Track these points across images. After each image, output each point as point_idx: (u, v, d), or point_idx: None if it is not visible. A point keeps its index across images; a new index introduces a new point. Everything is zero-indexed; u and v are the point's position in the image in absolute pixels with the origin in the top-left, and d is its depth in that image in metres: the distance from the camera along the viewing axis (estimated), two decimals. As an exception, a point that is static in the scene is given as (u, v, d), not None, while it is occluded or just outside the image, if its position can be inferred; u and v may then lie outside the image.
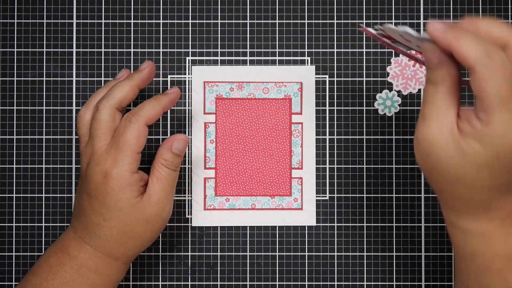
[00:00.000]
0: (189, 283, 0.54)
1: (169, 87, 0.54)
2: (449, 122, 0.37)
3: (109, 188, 0.45)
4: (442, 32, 0.35)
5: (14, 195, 0.54)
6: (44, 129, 0.54)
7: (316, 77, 0.54)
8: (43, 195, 0.54)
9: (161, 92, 0.54)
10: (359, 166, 0.54)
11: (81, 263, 0.46)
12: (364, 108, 0.54)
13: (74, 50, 0.54)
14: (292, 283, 0.54)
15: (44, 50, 0.54)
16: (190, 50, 0.54)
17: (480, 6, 0.54)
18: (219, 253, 0.54)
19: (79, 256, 0.46)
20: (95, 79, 0.54)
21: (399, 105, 0.54)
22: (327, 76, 0.54)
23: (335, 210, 0.54)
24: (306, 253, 0.54)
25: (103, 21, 0.54)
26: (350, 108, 0.54)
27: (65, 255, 0.47)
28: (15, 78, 0.54)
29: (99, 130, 0.46)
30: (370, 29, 0.42)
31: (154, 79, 0.54)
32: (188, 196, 0.54)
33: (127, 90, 0.48)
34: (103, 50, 0.54)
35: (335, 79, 0.54)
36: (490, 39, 0.36)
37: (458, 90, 0.38)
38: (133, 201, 0.46)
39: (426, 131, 0.37)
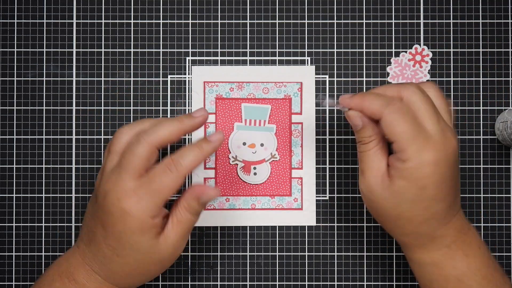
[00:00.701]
0: (189, 283, 0.54)
1: (169, 87, 0.54)
2: (380, 171, 0.43)
3: (127, 229, 0.42)
4: (350, 99, 0.43)
5: (14, 195, 0.54)
6: (44, 129, 0.54)
7: (316, 77, 0.54)
8: (43, 195, 0.54)
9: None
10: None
11: None
12: (364, 108, 0.54)
13: (74, 50, 0.54)
14: (292, 283, 0.54)
15: (44, 50, 0.54)
16: (190, 50, 0.54)
17: (480, 6, 0.54)
18: (219, 253, 0.54)
19: (87, 285, 0.44)
20: (95, 79, 0.54)
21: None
22: (327, 76, 0.54)
23: (335, 210, 0.54)
24: (306, 253, 0.54)
25: (103, 21, 0.54)
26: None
27: (71, 281, 0.45)
28: (15, 78, 0.54)
29: (131, 164, 0.43)
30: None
31: (154, 79, 0.54)
32: (188, 196, 0.54)
33: (173, 132, 0.43)
34: (103, 50, 0.54)
35: (335, 79, 0.54)
36: (386, 94, 0.43)
37: (384, 144, 0.44)
38: (151, 243, 0.43)
39: (364, 183, 0.44)
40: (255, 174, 0.54)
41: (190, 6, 0.54)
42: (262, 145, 0.54)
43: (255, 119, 0.54)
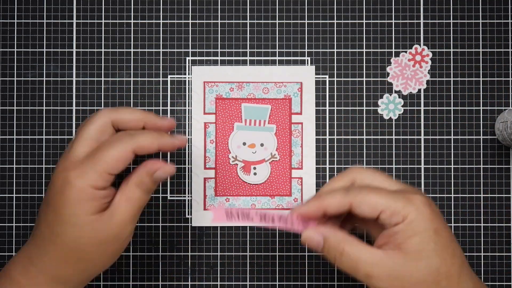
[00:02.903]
0: (189, 283, 0.54)
1: (169, 87, 0.54)
2: (378, 257, 0.39)
3: (66, 199, 0.39)
4: (306, 207, 0.41)
5: (14, 195, 0.54)
6: (44, 129, 0.54)
7: (316, 77, 0.54)
8: (43, 195, 0.54)
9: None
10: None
11: None
12: (364, 108, 0.54)
13: (74, 50, 0.54)
14: (292, 283, 0.54)
15: (44, 50, 0.54)
16: (190, 50, 0.54)
17: (480, 6, 0.54)
18: (219, 253, 0.54)
19: (21, 281, 0.41)
20: (95, 79, 0.54)
21: (401, 106, 0.54)
22: (327, 76, 0.54)
23: (335, 210, 0.54)
24: (306, 253, 0.54)
25: (103, 21, 0.54)
26: (350, 108, 0.54)
27: (7, 280, 0.41)
28: (15, 78, 0.54)
29: (85, 132, 0.41)
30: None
31: (154, 79, 0.54)
32: (188, 196, 0.54)
33: (148, 137, 0.41)
34: (103, 50, 0.54)
35: (335, 79, 0.54)
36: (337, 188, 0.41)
37: (352, 238, 0.40)
38: (91, 218, 0.40)
39: (378, 280, 0.39)
40: (255, 174, 0.54)
41: (190, 6, 0.54)
42: (262, 145, 0.54)
43: (255, 119, 0.54)
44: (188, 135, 0.54)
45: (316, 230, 0.41)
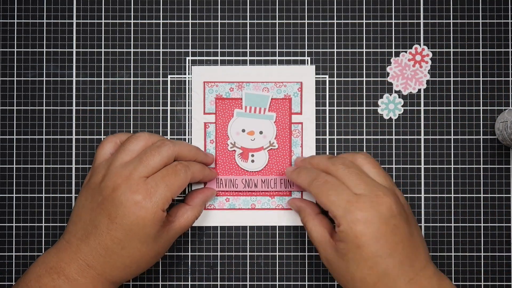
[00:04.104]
0: (189, 283, 0.54)
1: (169, 87, 0.54)
2: (325, 239, 0.47)
3: (139, 220, 0.44)
4: (290, 173, 0.51)
5: (14, 195, 0.54)
6: (44, 129, 0.54)
7: (316, 77, 0.54)
8: (43, 195, 0.54)
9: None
10: (359, 166, 0.54)
11: (80, 287, 0.44)
12: (364, 108, 0.54)
13: (74, 50, 0.54)
14: (292, 283, 0.54)
15: (44, 50, 0.54)
16: (190, 50, 0.54)
17: (480, 6, 0.54)
18: (219, 253, 0.54)
19: (80, 280, 0.44)
20: (95, 79, 0.54)
21: (401, 106, 0.54)
22: (327, 76, 0.54)
23: (335, 210, 0.54)
24: (306, 253, 0.54)
25: (103, 21, 0.54)
26: (350, 108, 0.54)
27: (61, 277, 0.44)
28: (15, 78, 0.54)
29: (153, 160, 0.46)
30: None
31: (154, 79, 0.54)
32: (188, 196, 0.54)
33: (191, 153, 0.49)
34: (103, 50, 0.54)
35: (335, 79, 0.54)
36: (318, 168, 0.49)
37: (323, 217, 0.49)
38: (158, 235, 0.46)
39: (320, 254, 0.48)
40: (252, 161, 0.54)
41: (190, 6, 0.54)
42: (261, 132, 0.54)
43: (255, 107, 0.54)
44: (188, 135, 0.54)
45: (294, 201, 0.52)
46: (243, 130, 0.54)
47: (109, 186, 0.45)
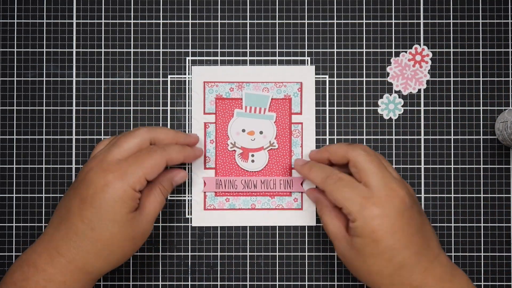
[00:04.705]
0: (189, 283, 0.54)
1: (169, 87, 0.54)
2: (342, 234, 0.47)
3: (109, 198, 0.44)
4: (300, 167, 0.51)
5: (14, 195, 0.54)
6: (44, 129, 0.54)
7: (316, 77, 0.54)
8: (43, 195, 0.54)
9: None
10: (359, 166, 0.54)
11: (49, 278, 0.44)
12: (364, 108, 0.54)
13: (74, 50, 0.54)
14: (292, 283, 0.54)
15: (44, 50, 0.54)
16: (190, 50, 0.54)
17: (480, 6, 0.54)
18: (219, 253, 0.54)
19: (48, 270, 0.44)
20: (95, 79, 0.54)
21: (401, 106, 0.54)
22: (327, 76, 0.54)
23: (335, 210, 0.54)
24: (306, 253, 0.54)
25: (103, 21, 0.54)
26: (350, 108, 0.54)
27: (31, 268, 0.44)
28: (15, 78, 0.54)
29: (126, 143, 0.46)
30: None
31: (154, 79, 0.54)
32: (188, 196, 0.54)
33: (168, 137, 0.49)
34: (103, 50, 0.54)
35: (335, 79, 0.54)
36: (337, 157, 0.49)
37: (339, 211, 0.49)
38: (128, 216, 0.45)
39: (336, 248, 0.48)
40: (252, 161, 0.54)
41: (190, 6, 0.54)
42: (261, 132, 0.54)
43: (256, 107, 0.54)
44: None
45: (313, 192, 0.52)
46: (243, 130, 0.54)
47: (84, 170, 0.46)
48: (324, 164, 0.50)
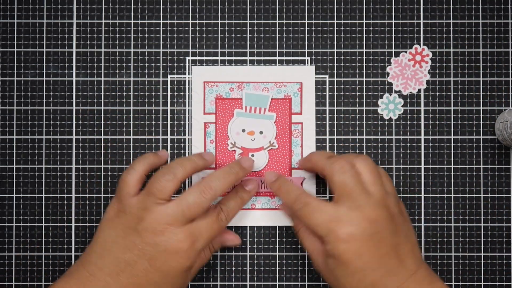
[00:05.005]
0: (189, 283, 0.54)
1: (169, 87, 0.54)
2: (318, 252, 0.48)
3: (179, 266, 0.46)
4: (270, 183, 0.51)
5: (14, 195, 0.54)
6: (44, 129, 0.54)
7: (316, 77, 0.54)
8: (43, 195, 0.54)
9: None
10: (359, 166, 0.54)
11: None
12: (364, 108, 0.54)
13: (74, 50, 0.54)
14: (292, 283, 0.54)
15: (44, 50, 0.54)
16: (190, 50, 0.54)
17: (480, 6, 0.54)
18: (219, 253, 0.54)
19: None
20: (95, 79, 0.54)
21: (401, 106, 0.54)
22: (327, 76, 0.54)
23: (335, 210, 0.54)
24: (306, 253, 0.54)
25: (103, 21, 0.54)
26: (350, 108, 0.54)
27: None
28: (15, 78, 0.54)
29: (196, 210, 0.46)
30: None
31: (154, 79, 0.54)
32: (188, 196, 0.54)
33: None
34: (103, 50, 0.54)
35: (335, 79, 0.54)
36: (318, 169, 0.49)
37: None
38: (187, 279, 0.48)
39: (313, 264, 0.49)
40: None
41: (190, 6, 0.54)
42: (261, 132, 0.54)
43: (256, 107, 0.54)
44: (188, 135, 0.54)
45: (286, 208, 0.53)
46: (243, 130, 0.54)
47: (150, 230, 0.45)
48: (293, 184, 0.49)
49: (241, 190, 0.51)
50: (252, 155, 0.54)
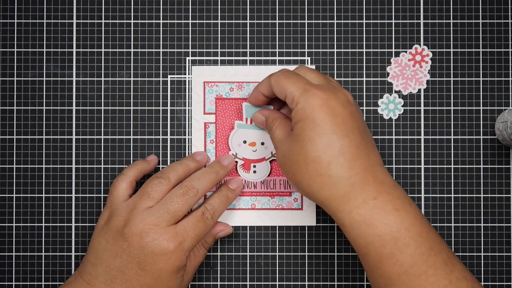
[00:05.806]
0: (189, 283, 0.54)
1: (169, 87, 0.54)
2: (287, 130, 0.48)
3: (169, 267, 0.46)
4: (251, 97, 0.51)
5: (14, 195, 0.54)
6: (44, 129, 0.54)
7: (316, 77, 0.54)
8: (43, 195, 0.54)
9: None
10: (359, 166, 0.54)
11: None
12: (364, 108, 0.54)
13: (74, 50, 0.54)
14: (292, 283, 0.54)
15: (44, 50, 0.54)
16: (190, 50, 0.54)
17: (480, 6, 0.54)
18: (219, 253, 0.54)
19: None
20: (95, 79, 0.54)
21: (401, 106, 0.54)
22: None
23: (335, 210, 0.54)
24: (306, 253, 0.54)
25: (103, 21, 0.54)
26: (350, 108, 0.54)
27: None
28: (15, 78, 0.54)
29: (181, 210, 0.47)
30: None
31: (154, 79, 0.54)
32: (188, 196, 0.54)
33: (213, 184, 0.51)
34: (103, 50, 0.54)
35: (335, 79, 0.54)
36: (268, 94, 0.49)
37: (286, 120, 0.49)
38: (180, 279, 0.48)
39: (277, 149, 0.48)
40: (254, 172, 0.54)
41: (190, 6, 0.54)
42: (262, 143, 0.54)
43: None
44: (188, 135, 0.54)
45: (260, 112, 0.51)
46: (244, 142, 0.54)
47: (135, 233, 0.46)
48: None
49: (225, 189, 0.51)
50: (254, 166, 0.54)
